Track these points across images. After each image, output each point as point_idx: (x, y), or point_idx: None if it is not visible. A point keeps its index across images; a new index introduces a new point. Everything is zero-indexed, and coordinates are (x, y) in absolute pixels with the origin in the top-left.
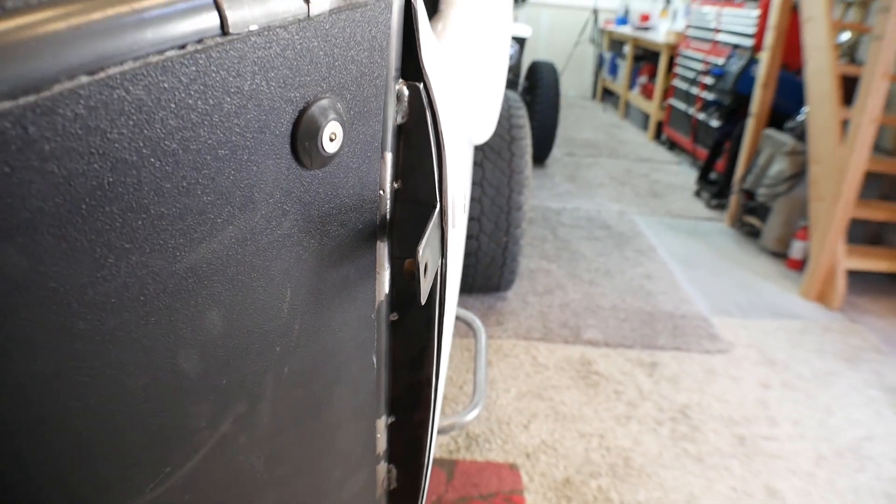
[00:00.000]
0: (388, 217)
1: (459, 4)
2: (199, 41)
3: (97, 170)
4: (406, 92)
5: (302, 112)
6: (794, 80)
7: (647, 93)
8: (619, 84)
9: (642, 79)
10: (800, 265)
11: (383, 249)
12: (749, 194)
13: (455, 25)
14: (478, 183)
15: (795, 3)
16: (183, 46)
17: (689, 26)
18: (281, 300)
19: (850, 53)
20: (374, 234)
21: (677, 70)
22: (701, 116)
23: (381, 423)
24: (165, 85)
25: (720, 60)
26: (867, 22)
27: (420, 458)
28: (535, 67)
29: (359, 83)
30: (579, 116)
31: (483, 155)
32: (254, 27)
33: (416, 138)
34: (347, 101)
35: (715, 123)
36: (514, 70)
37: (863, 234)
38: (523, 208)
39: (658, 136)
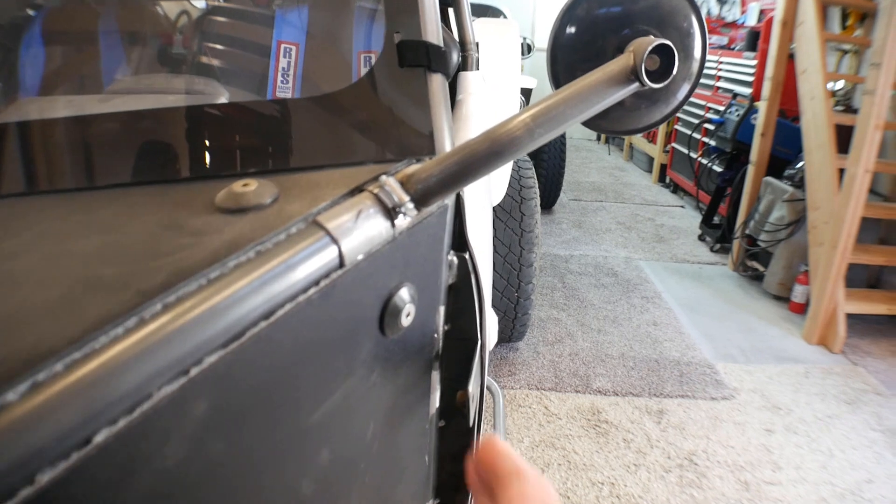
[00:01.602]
0: (440, 352)
1: (473, 93)
2: (327, 276)
3: (280, 368)
4: (456, 261)
5: (387, 301)
6: (791, 126)
7: (651, 136)
8: None
9: None
10: (802, 308)
11: (436, 376)
12: (751, 239)
13: (473, 108)
14: None
15: (792, 53)
16: (317, 283)
17: None
18: (366, 430)
19: (845, 100)
20: (430, 366)
21: (679, 115)
22: (704, 161)
23: None
24: (307, 314)
25: (721, 107)
26: (861, 72)
27: None
28: None
29: (424, 267)
30: (585, 159)
31: (494, 215)
32: (360, 256)
33: (463, 293)
34: (418, 282)
35: (717, 168)
36: None
37: (862, 278)
38: (534, 265)
39: (662, 178)
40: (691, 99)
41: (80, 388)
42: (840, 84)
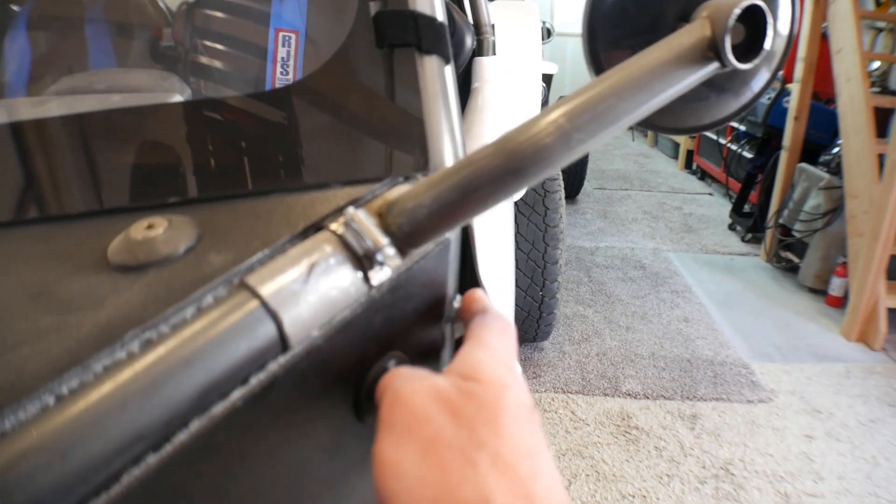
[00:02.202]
0: None
1: (490, 80)
2: (261, 367)
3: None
4: None
5: (362, 383)
6: (826, 109)
7: None
8: None
9: None
10: (839, 302)
11: None
12: (785, 229)
13: (490, 96)
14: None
15: (824, 33)
16: (244, 380)
17: None
18: None
19: (881, 81)
20: None
21: None
22: (733, 147)
23: None
24: (225, 438)
25: None
26: None
27: None
28: None
29: (419, 329)
30: (608, 146)
31: (517, 210)
32: (314, 332)
33: None
34: (410, 349)
35: (747, 155)
36: (543, 108)
37: None
38: (559, 262)
39: (689, 165)
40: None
41: None
42: (876, 64)
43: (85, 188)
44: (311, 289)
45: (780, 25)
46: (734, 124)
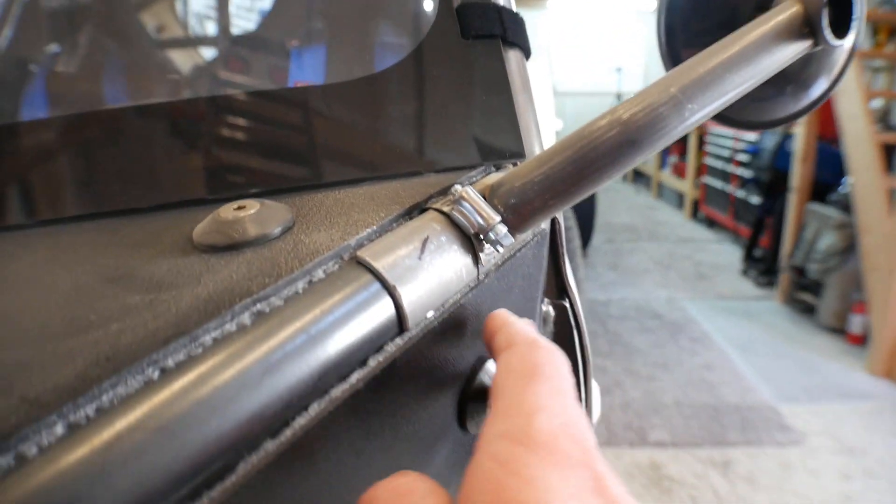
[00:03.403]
0: None
1: None
2: (378, 350)
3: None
4: (552, 313)
5: (469, 382)
6: (831, 150)
7: (679, 172)
8: (649, 164)
9: (673, 158)
10: (861, 340)
11: None
12: (800, 270)
13: None
14: None
15: None
16: (363, 363)
17: None
18: None
19: (883, 118)
20: None
21: (708, 148)
22: (739, 194)
23: None
24: (337, 423)
25: (751, 137)
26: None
27: None
28: None
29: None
30: (613, 200)
31: None
32: (430, 314)
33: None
34: None
35: (755, 200)
36: None
37: None
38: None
39: (695, 214)
40: (719, 131)
41: None
42: (877, 102)
43: (157, 177)
44: (426, 266)
45: (858, 10)
46: (739, 171)
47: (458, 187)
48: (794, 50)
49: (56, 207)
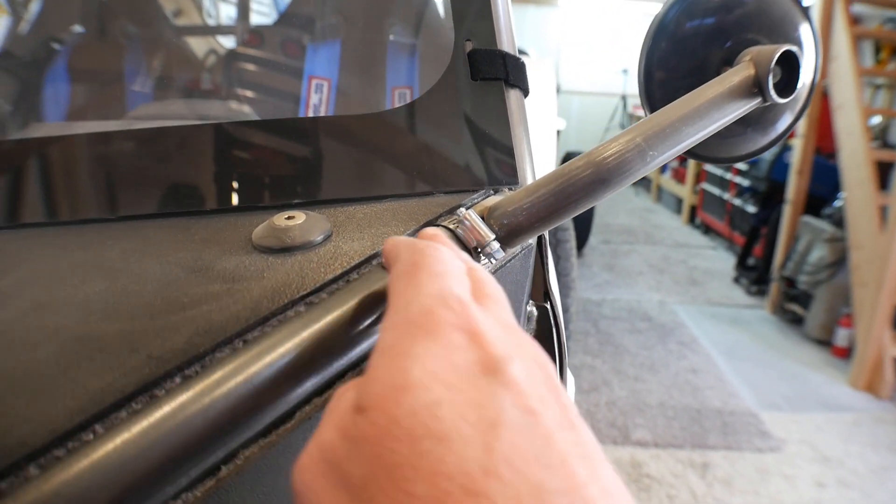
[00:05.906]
0: None
1: None
2: None
3: None
4: (535, 313)
5: None
6: (827, 164)
7: (679, 177)
8: None
9: (673, 163)
10: (845, 353)
11: None
12: (790, 281)
13: None
14: None
15: (825, 90)
16: None
17: None
18: None
19: (881, 136)
20: None
21: None
22: (736, 202)
23: None
24: None
25: None
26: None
27: None
28: (569, 157)
29: None
30: (612, 201)
31: None
32: None
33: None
34: None
35: (751, 209)
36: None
37: None
38: (571, 310)
39: (692, 219)
40: None
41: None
42: (875, 119)
43: (218, 185)
44: None
45: (804, 74)
46: (738, 180)
47: (462, 210)
48: (746, 105)
49: (138, 205)
